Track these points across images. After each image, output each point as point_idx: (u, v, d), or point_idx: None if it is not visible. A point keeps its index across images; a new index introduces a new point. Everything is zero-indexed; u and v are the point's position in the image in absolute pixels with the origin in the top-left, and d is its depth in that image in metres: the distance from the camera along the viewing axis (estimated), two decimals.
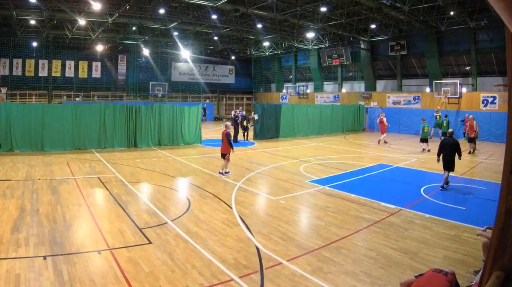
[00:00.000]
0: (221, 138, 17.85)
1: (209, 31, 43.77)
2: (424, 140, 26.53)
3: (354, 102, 45.98)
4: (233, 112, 33.48)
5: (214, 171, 18.66)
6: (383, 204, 13.28)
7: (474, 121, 25.58)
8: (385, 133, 30.36)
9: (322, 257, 8.79)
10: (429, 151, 25.83)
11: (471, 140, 25.59)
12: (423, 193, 15.00)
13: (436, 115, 33.74)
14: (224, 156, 17.47)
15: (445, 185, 15.57)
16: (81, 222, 10.85)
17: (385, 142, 29.62)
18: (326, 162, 21.67)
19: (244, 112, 33.52)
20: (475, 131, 25.14)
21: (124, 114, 25.55)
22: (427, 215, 12.00)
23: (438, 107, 35.03)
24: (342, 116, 40.46)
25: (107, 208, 12.32)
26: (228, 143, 17.29)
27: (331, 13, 35.68)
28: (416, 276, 5.21)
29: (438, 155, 15.85)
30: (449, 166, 15.44)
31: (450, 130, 16.99)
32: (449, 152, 15.42)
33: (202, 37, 48.66)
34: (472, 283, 5.25)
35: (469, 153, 24.85)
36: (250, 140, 31.11)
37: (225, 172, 17.63)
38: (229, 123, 18.30)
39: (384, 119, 30.76)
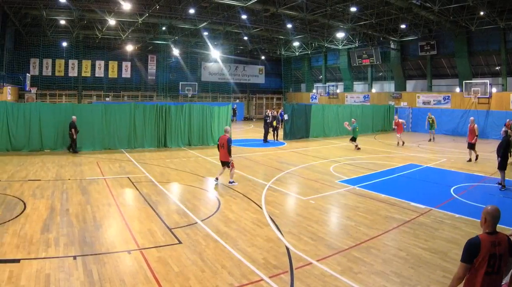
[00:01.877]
0: (222, 143, 15.91)
1: (239, 31, 43.85)
2: (354, 139, 27.05)
3: (384, 103, 45.72)
4: (270, 112, 33.47)
5: (244, 170, 18.75)
6: (413, 204, 13.22)
7: (475, 125, 22.22)
8: (400, 133, 29.76)
9: (352, 257, 8.78)
10: (359, 148, 26.50)
11: (471, 146, 22.02)
12: (453, 193, 14.90)
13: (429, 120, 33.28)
14: (227, 163, 15.87)
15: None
16: (111, 222, 10.96)
17: (403, 143, 29.30)
18: (356, 162, 21.59)
19: (275, 112, 33.54)
20: (476, 135, 21.88)
21: (154, 114, 25.69)
22: (457, 215, 11.94)
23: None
24: (372, 116, 40.20)
25: (137, 208, 12.43)
26: (227, 149, 15.61)
27: (361, 13, 35.56)
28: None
29: (503, 155, 15.73)
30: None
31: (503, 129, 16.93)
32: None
33: (232, 37, 48.77)
34: (502, 283, 5.21)
35: (468, 160, 22.23)
36: (280, 140, 31.08)
37: (232, 181, 16.07)
38: (229, 127, 17.39)
39: (400, 121, 30.44)
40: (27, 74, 41.73)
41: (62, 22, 39.86)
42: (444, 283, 7.51)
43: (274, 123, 31.35)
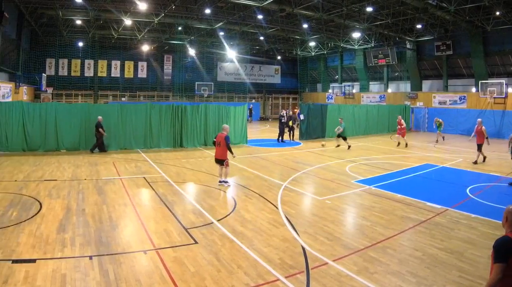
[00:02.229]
0: (219, 141, 15.69)
1: (255, 31, 43.75)
2: (344, 138, 27.11)
3: (400, 103, 45.55)
4: (284, 112, 33.43)
5: (260, 170, 18.80)
6: (429, 204, 13.16)
7: (483, 127, 21.49)
8: (404, 136, 29.06)
9: (368, 257, 8.77)
10: (349, 147, 26.47)
11: (479, 148, 21.56)
12: (469, 193, 14.83)
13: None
14: (222, 161, 15.66)
15: None
16: (127, 222, 11.00)
17: (399, 143, 28.78)
18: (372, 162, 21.54)
19: (291, 112, 33.53)
20: (486, 138, 21.35)
21: (170, 114, 25.74)
22: (473, 215, 11.87)
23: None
24: (388, 116, 40.08)
25: (153, 208, 12.45)
26: (227, 147, 15.44)
27: (377, 13, 35.49)
28: None
29: None
30: None
31: None
32: None
33: (248, 37, 48.74)
34: None
35: (474, 162, 21.55)
36: (296, 140, 31.08)
37: (225, 181, 15.83)
38: (227, 125, 16.83)
39: (402, 121, 29.23)
40: (43, 74, 42.06)
41: (78, 22, 40.00)
42: (460, 283, 7.53)
43: (290, 123, 31.35)
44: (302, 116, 31.76)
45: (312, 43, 53.10)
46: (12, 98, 31.13)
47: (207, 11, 34.47)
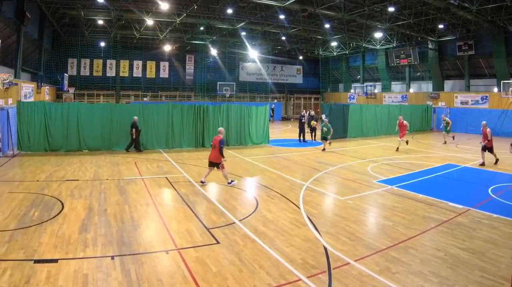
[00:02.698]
0: (214, 143, 15.63)
1: (277, 31, 43.86)
2: (325, 138, 25.84)
3: (421, 103, 45.36)
4: (306, 112, 33.36)
5: (282, 170, 18.78)
6: (450, 204, 13.09)
7: (488, 129, 21.03)
8: (403, 137, 27.10)
9: (390, 257, 8.76)
10: (323, 149, 25.49)
11: (490, 150, 21.11)
12: (490, 193, 14.71)
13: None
14: (215, 165, 15.56)
15: None
16: (149, 222, 11.03)
17: (407, 141, 27.40)
18: (393, 162, 21.44)
19: (312, 112, 33.51)
20: (488, 140, 20.90)
21: (192, 114, 25.75)
22: (495, 215, 11.80)
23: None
24: (410, 116, 39.61)
25: (175, 208, 12.50)
26: (219, 150, 15.28)
27: (399, 13, 35.42)
28: None
29: None
30: None
31: None
32: None
33: (270, 37, 48.78)
34: None
35: (481, 164, 20.99)
36: (318, 140, 30.84)
37: (231, 181, 15.75)
38: (223, 129, 16.62)
39: (405, 122, 27.33)
40: (65, 74, 42.39)
41: (100, 22, 40.43)
42: (482, 283, 7.49)
43: (312, 123, 31.26)
44: (324, 116, 31.55)
45: (334, 43, 53.12)
46: (34, 98, 31.36)
47: (229, 11, 34.70)
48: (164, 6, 30.76)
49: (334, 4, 33.06)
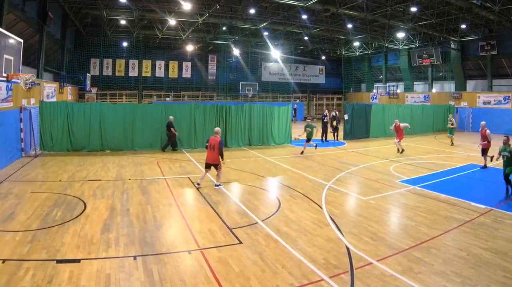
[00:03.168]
0: (212, 144, 15.23)
1: (299, 31, 43.88)
2: (309, 140, 24.40)
3: (444, 102, 45.04)
4: (332, 113, 33.35)
5: (304, 170, 18.76)
6: (473, 204, 13.02)
7: (487, 130, 20.56)
8: (401, 139, 25.38)
9: (412, 257, 8.74)
10: (302, 152, 24.18)
11: (484, 152, 20.31)
12: None
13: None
14: (214, 166, 15.21)
15: None
16: (171, 222, 11.08)
17: (402, 150, 24.93)
18: (416, 162, 21.32)
19: (335, 112, 33.48)
20: (488, 142, 20.29)
21: (214, 114, 25.76)
22: None
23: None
24: (432, 116, 39.65)
25: (197, 208, 12.53)
26: (219, 152, 14.98)
27: (421, 13, 35.36)
28: None
29: None
30: None
31: None
32: None
33: (292, 37, 48.88)
34: None
35: (483, 167, 20.17)
36: (340, 140, 30.94)
37: (219, 184, 15.36)
38: (219, 129, 16.29)
39: (402, 125, 25.85)
40: (87, 74, 42.66)
41: (123, 22, 40.77)
42: (505, 283, 7.48)
43: (335, 123, 31.22)
44: (346, 116, 31.59)
45: (356, 43, 53.08)
46: (56, 98, 31.47)
47: (252, 11, 34.73)
48: (187, 6, 30.95)
49: (357, 4, 33.05)
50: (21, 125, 20.78)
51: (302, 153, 24.00)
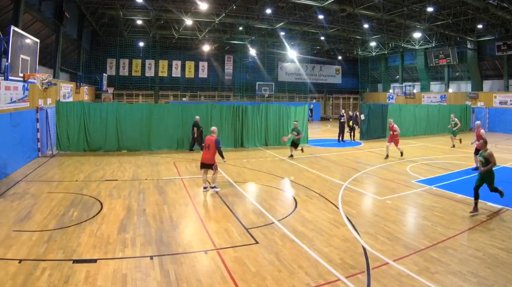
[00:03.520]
0: (208, 144, 14.77)
1: (316, 31, 43.75)
2: (295, 145, 22.61)
3: (460, 103, 44.86)
4: (352, 113, 33.37)
5: (321, 170, 18.79)
6: (489, 203, 12.93)
7: (482, 130, 19.25)
8: (396, 143, 23.07)
9: (429, 257, 8.72)
10: (291, 156, 22.60)
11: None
12: None
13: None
14: (209, 166, 14.55)
15: None
16: (188, 222, 11.13)
17: (401, 153, 23.01)
18: (432, 162, 21.24)
19: (351, 113, 33.45)
20: (483, 140, 19.53)
21: (230, 114, 25.84)
22: None
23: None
24: (449, 116, 39.05)
25: (213, 207, 12.59)
26: (218, 152, 14.60)
27: (438, 13, 35.18)
28: None
29: None
30: None
31: None
32: None
33: (309, 37, 48.79)
34: None
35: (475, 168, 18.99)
36: (357, 140, 30.89)
37: (214, 187, 14.70)
38: (216, 128, 15.82)
39: (395, 126, 23.20)
40: (104, 74, 42.70)
41: (139, 22, 40.94)
42: None
43: (351, 123, 31.23)
44: (363, 117, 31.53)
45: (373, 43, 52.95)
46: (73, 98, 31.78)
47: (268, 11, 34.75)
48: (203, 6, 30.99)
49: (373, 4, 32.92)
50: (37, 125, 20.90)
51: (291, 156, 22.58)
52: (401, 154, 22.86)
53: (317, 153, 24.29)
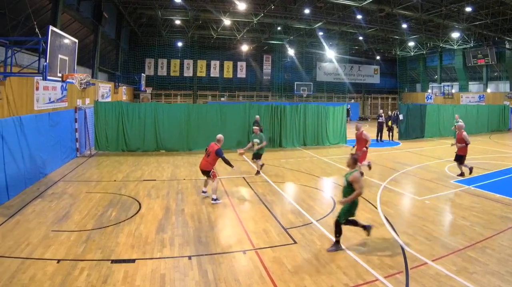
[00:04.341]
0: (209, 151, 13.78)
1: (354, 31, 43.60)
2: (256, 156, 17.85)
3: (499, 102, 44.28)
4: (389, 112, 33.48)
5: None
6: None
7: (464, 133, 17.39)
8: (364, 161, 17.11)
9: (467, 257, 8.66)
10: (258, 173, 18.10)
11: (459, 159, 17.55)
12: None
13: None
14: (207, 173, 13.48)
15: None
16: (226, 222, 11.19)
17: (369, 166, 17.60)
18: (471, 162, 20.72)
19: (390, 112, 33.22)
20: (466, 145, 17.30)
21: (269, 114, 25.87)
22: None
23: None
24: (487, 116, 39.04)
25: (252, 208, 12.61)
26: (224, 161, 13.41)
27: (476, 13, 34.73)
28: None
29: None
30: None
31: None
32: None
33: (347, 37, 48.66)
34: None
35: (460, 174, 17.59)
36: (395, 140, 30.73)
37: (216, 198, 13.22)
38: (221, 136, 14.47)
39: (365, 134, 17.35)
40: (142, 74, 43.17)
41: (177, 22, 41.20)
42: None
43: (390, 123, 31.12)
44: (401, 117, 31.38)
45: (411, 43, 52.55)
46: (111, 98, 32.12)
47: (306, 11, 34.73)
48: (241, 6, 31.05)
49: (412, 4, 32.70)
50: (76, 125, 21.10)
51: (257, 173, 17.95)
52: (361, 174, 14.44)
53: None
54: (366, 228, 9.45)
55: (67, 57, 13.96)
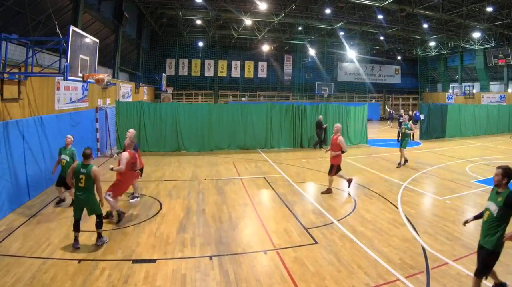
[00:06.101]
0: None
1: (375, 31, 43.68)
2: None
3: None
4: (403, 112, 33.51)
5: (380, 170, 18.73)
6: None
7: (340, 137, 14.84)
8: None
9: None
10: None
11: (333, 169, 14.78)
12: None
13: None
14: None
15: None
16: (247, 222, 11.20)
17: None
18: (492, 162, 20.80)
19: (410, 112, 33.12)
20: (340, 153, 14.81)
21: (290, 114, 25.80)
22: None
23: None
24: (508, 116, 38.78)
25: (273, 208, 12.61)
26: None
27: (497, 13, 34.60)
28: None
29: None
30: None
31: None
32: None
33: (368, 37, 48.73)
34: None
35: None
36: (416, 140, 30.42)
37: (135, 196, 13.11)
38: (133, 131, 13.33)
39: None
40: (163, 74, 42.96)
41: (198, 22, 41.47)
42: None
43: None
44: (422, 117, 31.26)
45: (432, 43, 52.33)
46: (132, 98, 32.25)
47: (327, 11, 34.87)
48: (262, 6, 31.15)
49: (432, 4, 32.64)
50: (97, 125, 21.21)
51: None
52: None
53: (376, 153, 24.20)
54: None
55: (88, 57, 14.01)
